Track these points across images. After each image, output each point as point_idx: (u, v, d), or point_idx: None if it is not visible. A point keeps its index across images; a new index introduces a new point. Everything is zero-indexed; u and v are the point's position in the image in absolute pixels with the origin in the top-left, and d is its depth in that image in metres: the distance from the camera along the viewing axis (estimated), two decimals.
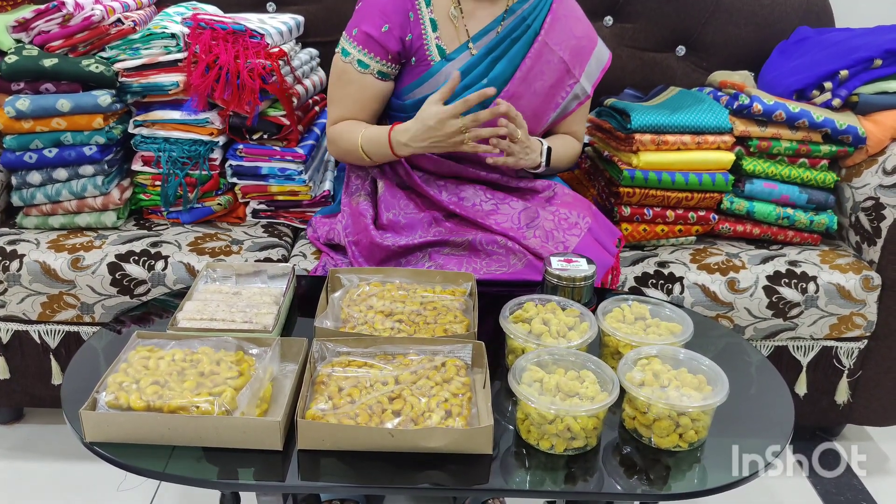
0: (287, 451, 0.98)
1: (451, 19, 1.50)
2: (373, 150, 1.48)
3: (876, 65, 1.70)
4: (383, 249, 1.48)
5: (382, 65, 1.48)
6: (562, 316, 1.17)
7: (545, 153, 1.52)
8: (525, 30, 1.51)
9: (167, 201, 1.74)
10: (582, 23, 1.58)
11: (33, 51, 1.65)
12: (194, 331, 1.15)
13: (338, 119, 1.54)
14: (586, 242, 1.48)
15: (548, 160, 1.53)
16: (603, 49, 1.61)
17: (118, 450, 0.97)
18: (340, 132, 1.53)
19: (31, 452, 1.79)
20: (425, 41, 1.49)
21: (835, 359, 1.70)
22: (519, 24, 1.51)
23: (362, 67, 1.48)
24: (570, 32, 1.54)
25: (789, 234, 1.75)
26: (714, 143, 1.68)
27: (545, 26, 1.51)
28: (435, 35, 1.49)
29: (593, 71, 1.59)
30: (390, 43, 1.47)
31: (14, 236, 1.67)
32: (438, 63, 1.50)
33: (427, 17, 1.48)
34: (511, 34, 1.51)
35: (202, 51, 1.66)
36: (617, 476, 0.98)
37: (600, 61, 1.60)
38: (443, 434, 0.95)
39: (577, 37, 1.55)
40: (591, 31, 1.59)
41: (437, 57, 1.50)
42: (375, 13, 1.46)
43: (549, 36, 1.51)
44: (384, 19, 1.46)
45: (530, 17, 1.51)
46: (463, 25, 1.51)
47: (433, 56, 1.50)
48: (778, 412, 1.10)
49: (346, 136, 1.51)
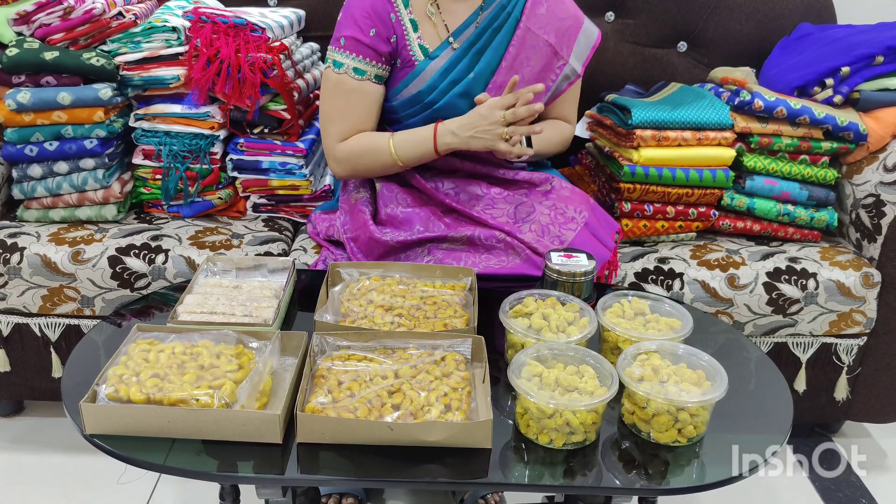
0: (286, 445, 0.98)
1: (429, 17, 1.50)
2: (409, 150, 1.45)
3: (877, 61, 1.70)
4: (382, 245, 1.48)
5: (378, 68, 1.48)
6: (561, 311, 1.17)
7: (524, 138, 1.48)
8: (506, 18, 1.50)
9: (168, 195, 1.74)
10: (565, 3, 1.56)
11: (34, 44, 1.65)
12: (194, 324, 1.15)
13: (344, 134, 1.49)
14: (582, 237, 1.48)
15: (528, 143, 1.49)
16: (591, 27, 1.59)
17: (118, 442, 0.97)
18: (361, 146, 1.48)
19: (32, 445, 1.79)
20: (408, 42, 1.49)
21: (834, 355, 1.70)
22: (499, 14, 1.50)
23: (359, 74, 1.46)
24: (552, 14, 1.53)
25: (790, 230, 1.75)
26: (715, 140, 1.68)
27: (525, 12, 1.50)
28: (416, 35, 1.49)
29: (582, 50, 1.58)
30: (380, 45, 1.46)
31: (15, 229, 1.67)
32: (422, 62, 1.49)
33: (407, 18, 1.48)
34: (491, 24, 1.50)
35: (203, 44, 1.66)
36: (616, 471, 0.98)
37: (589, 40, 1.59)
38: (442, 428, 0.95)
39: (560, 18, 1.54)
40: (576, 11, 1.58)
41: (421, 56, 1.49)
42: (359, 19, 1.45)
43: (530, 21, 1.51)
44: (369, 24, 1.45)
45: (510, 5, 1.51)
46: (441, 22, 1.50)
47: (416, 56, 1.49)
48: (777, 408, 1.10)
49: (373, 148, 1.47)
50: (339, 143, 1.50)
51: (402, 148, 1.46)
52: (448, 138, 1.42)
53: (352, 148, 1.49)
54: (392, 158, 1.46)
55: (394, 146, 1.46)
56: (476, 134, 1.39)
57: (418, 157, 1.47)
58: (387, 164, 1.48)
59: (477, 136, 1.39)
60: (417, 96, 1.50)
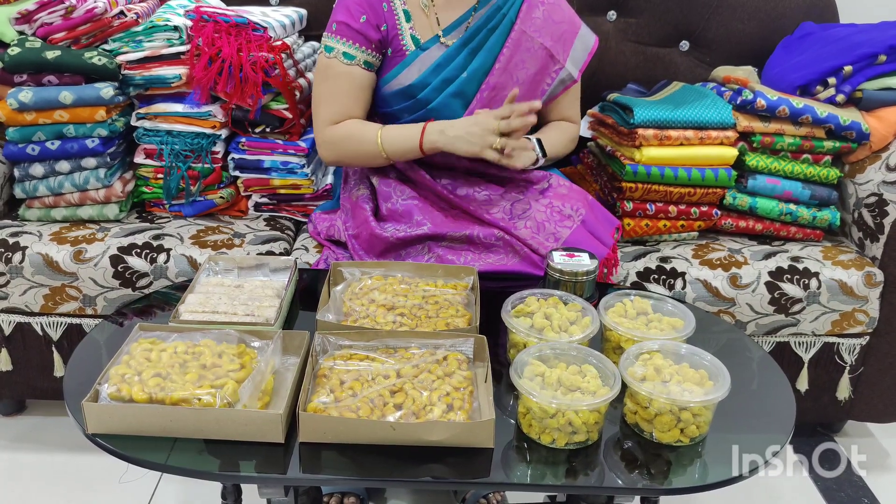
0: (289, 444, 0.98)
1: (423, 9, 1.50)
2: (395, 143, 1.46)
3: (880, 60, 1.69)
4: (383, 241, 1.48)
5: (367, 54, 1.49)
6: (564, 310, 1.17)
7: (537, 146, 1.51)
8: (501, 19, 1.51)
9: (169, 194, 1.74)
10: (561, 7, 1.57)
11: (36, 43, 1.65)
12: (196, 323, 1.15)
13: (332, 118, 1.50)
14: (579, 234, 1.48)
15: (543, 151, 1.51)
16: (588, 33, 1.60)
17: (120, 442, 0.97)
18: (349, 132, 1.49)
19: (34, 444, 1.80)
20: (399, 31, 1.50)
21: (836, 355, 1.70)
22: (494, 14, 1.51)
23: (348, 59, 1.48)
24: (548, 18, 1.53)
25: (792, 230, 1.75)
26: (717, 139, 1.68)
27: (521, 14, 1.51)
28: (409, 25, 1.50)
29: (579, 56, 1.59)
30: (370, 32, 1.48)
31: (16, 228, 1.67)
32: (413, 52, 1.51)
33: (400, 8, 1.50)
34: (486, 24, 1.51)
35: (205, 43, 1.66)
36: (618, 470, 0.98)
37: (586, 45, 1.60)
38: (444, 428, 0.95)
39: (556, 22, 1.54)
40: (572, 16, 1.59)
41: (412, 46, 1.51)
42: (351, 6, 1.48)
43: (525, 24, 1.51)
44: (361, 10, 1.48)
45: (505, 6, 1.51)
46: (434, 16, 1.51)
47: (408, 46, 1.51)
48: (779, 408, 1.10)
49: (357, 135, 1.49)
50: (328, 126, 1.51)
51: (389, 140, 1.46)
52: (434, 136, 1.43)
53: (340, 132, 1.50)
54: (377, 149, 1.46)
55: (381, 137, 1.46)
56: (465, 137, 1.40)
57: (403, 151, 1.47)
58: (371, 153, 1.48)
59: (466, 139, 1.40)
60: (409, 89, 1.51)
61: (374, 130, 1.47)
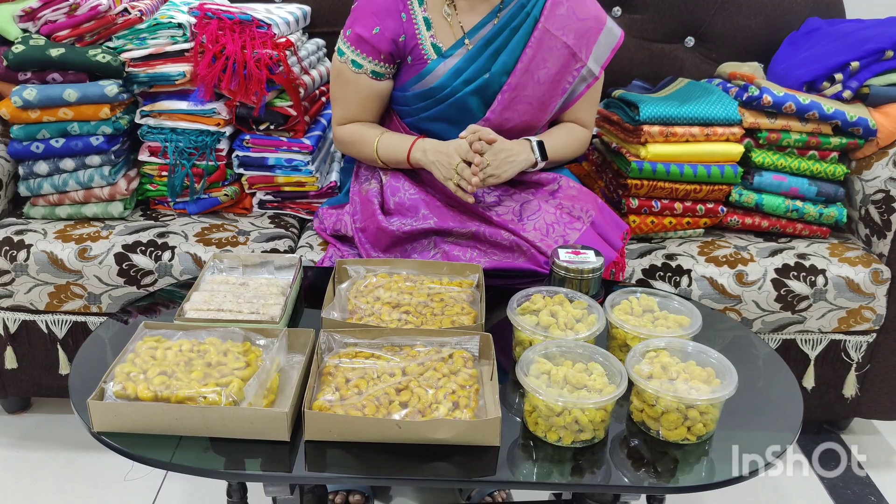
0: (294, 442, 0.98)
1: (445, 17, 1.49)
2: (388, 152, 1.53)
3: (887, 56, 1.69)
4: (389, 235, 1.48)
5: (375, 65, 1.49)
6: (569, 308, 1.16)
7: (537, 148, 1.50)
8: (524, 18, 1.49)
9: (174, 192, 1.74)
10: (586, 4, 1.53)
11: (40, 40, 1.64)
12: (201, 321, 1.15)
13: (342, 119, 1.58)
14: (587, 237, 1.47)
15: (543, 154, 1.50)
16: (613, 28, 1.56)
17: (125, 440, 0.97)
18: (352, 136, 1.57)
19: (39, 442, 1.80)
20: (420, 41, 1.49)
21: (843, 352, 1.69)
22: (517, 13, 1.49)
23: (356, 67, 1.50)
24: (572, 16, 1.51)
25: (798, 226, 1.74)
26: (723, 135, 1.67)
27: (545, 12, 1.49)
28: (430, 33, 1.49)
29: (602, 52, 1.55)
30: (382, 44, 1.48)
31: (21, 226, 1.67)
32: (435, 61, 1.50)
33: (420, 17, 1.49)
34: (510, 23, 1.49)
35: (209, 41, 1.66)
36: (624, 469, 0.97)
37: (610, 41, 1.56)
38: (450, 426, 0.95)
39: (580, 19, 1.52)
40: (598, 12, 1.55)
41: (434, 55, 1.50)
42: (367, 14, 1.48)
43: (549, 22, 1.49)
44: (375, 21, 1.47)
45: (529, 5, 1.49)
46: (458, 23, 1.50)
47: (429, 54, 1.50)
48: (786, 405, 1.09)
49: (360, 140, 1.56)
50: (337, 126, 1.60)
51: (383, 148, 1.53)
52: (419, 154, 1.48)
53: (346, 134, 1.59)
54: (374, 156, 1.55)
55: (378, 144, 1.53)
56: (436, 163, 1.45)
57: (395, 161, 1.54)
58: (370, 158, 1.57)
59: (436, 165, 1.45)
60: (430, 91, 1.51)
61: (374, 138, 1.54)
